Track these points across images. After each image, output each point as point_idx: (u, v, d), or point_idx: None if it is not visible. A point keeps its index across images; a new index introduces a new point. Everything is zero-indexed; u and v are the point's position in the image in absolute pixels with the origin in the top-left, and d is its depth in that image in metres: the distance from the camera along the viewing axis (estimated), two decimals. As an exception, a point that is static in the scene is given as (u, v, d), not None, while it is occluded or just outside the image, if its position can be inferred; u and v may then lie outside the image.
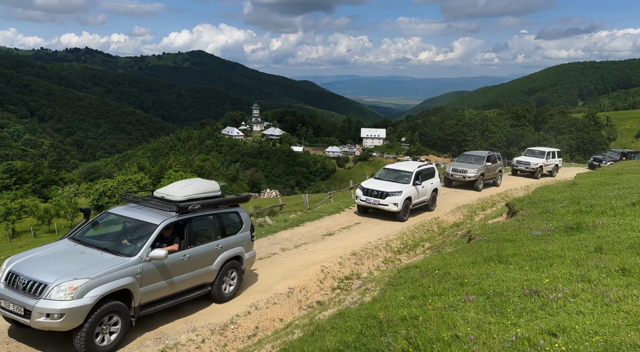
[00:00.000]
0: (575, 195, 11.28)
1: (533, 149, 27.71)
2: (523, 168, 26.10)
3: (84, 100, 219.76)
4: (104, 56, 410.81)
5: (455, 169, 21.35)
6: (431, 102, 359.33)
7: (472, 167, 20.87)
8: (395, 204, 14.55)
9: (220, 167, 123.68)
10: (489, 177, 21.65)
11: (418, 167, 16.16)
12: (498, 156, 22.83)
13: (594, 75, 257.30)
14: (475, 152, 23.31)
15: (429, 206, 16.78)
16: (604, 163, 29.72)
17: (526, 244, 7.24)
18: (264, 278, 9.37)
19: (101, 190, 50.90)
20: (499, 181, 22.51)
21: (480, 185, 20.86)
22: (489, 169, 21.32)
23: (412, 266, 6.86)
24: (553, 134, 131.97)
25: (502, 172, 22.68)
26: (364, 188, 15.17)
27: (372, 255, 11.85)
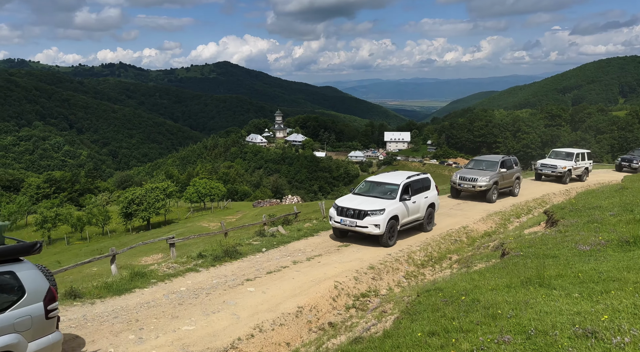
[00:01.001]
0: (627, 201, 9.93)
1: (559, 151, 25.23)
2: (549, 172, 23.61)
3: (118, 113, 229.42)
4: (136, 70, 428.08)
5: (463, 178, 18.47)
6: (458, 104, 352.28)
7: (483, 174, 18.10)
8: (376, 226, 11.65)
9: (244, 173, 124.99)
10: (504, 185, 19.01)
11: (407, 178, 13.23)
12: (515, 161, 20.13)
13: (636, 70, 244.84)
14: (487, 156, 20.46)
15: (424, 226, 13.79)
16: (636, 163, 27.15)
17: (572, 262, 6.09)
18: (272, 295, 8.52)
19: (130, 198, 51.72)
20: (517, 190, 19.89)
21: (493, 195, 18.16)
22: (503, 177, 18.69)
23: (434, 289, 5.85)
24: (592, 134, 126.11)
25: (520, 180, 20.15)
26: (338, 207, 12.20)
27: (392, 269, 10.82)
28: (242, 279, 9.26)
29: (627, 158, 28.73)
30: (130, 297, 7.91)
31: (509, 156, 20.21)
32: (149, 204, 50.42)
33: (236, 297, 8.25)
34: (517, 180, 19.86)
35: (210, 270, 9.78)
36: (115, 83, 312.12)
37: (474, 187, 18.08)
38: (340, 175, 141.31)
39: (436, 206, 14.40)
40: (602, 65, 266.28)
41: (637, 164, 27.30)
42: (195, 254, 10.63)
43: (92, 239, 49.42)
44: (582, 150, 25.18)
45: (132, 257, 24.60)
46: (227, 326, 7.14)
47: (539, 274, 5.49)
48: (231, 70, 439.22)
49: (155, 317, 7.17)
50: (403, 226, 12.68)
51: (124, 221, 52.31)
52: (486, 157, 20.16)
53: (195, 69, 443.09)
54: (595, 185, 20.55)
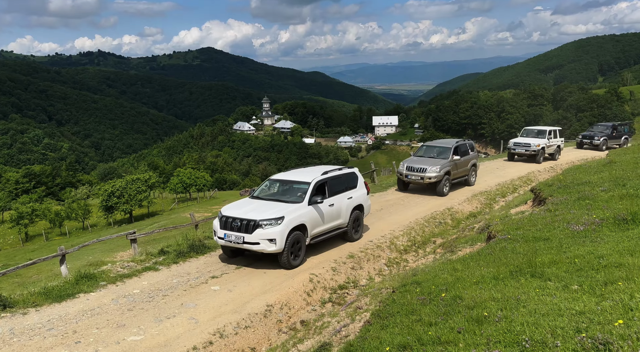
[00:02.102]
0: (617, 175, 9.30)
1: (531, 129, 24.00)
2: (522, 151, 22.39)
3: (99, 103, 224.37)
4: (116, 58, 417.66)
5: (411, 168, 15.98)
6: (444, 86, 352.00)
7: (434, 163, 15.73)
8: (270, 241, 8.48)
9: (233, 162, 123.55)
10: (458, 175, 16.71)
11: (323, 174, 10.12)
12: (470, 146, 17.73)
13: (615, 49, 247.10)
14: (439, 142, 17.94)
15: (348, 234, 10.67)
16: (597, 140, 26.01)
17: (566, 245, 5.40)
18: (239, 293, 7.72)
19: (110, 190, 50.28)
20: (473, 179, 17.58)
21: (445, 188, 15.76)
22: (457, 165, 16.33)
23: (412, 283, 5.12)
24: (573, 112, 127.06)
25: (476, 167, 17.84)
26: (223, 216, 9.04)
27: (373, 256, 10.10)
28: (207, 276, 8.44)
29: (588, 135, 27.53)
30: (72, 304, 7.00)
31: (464, 140, 17.85)
32: (130, 196, 49.06)
33: (197, 298, 7.43)
34: (473, 167, 17.59)
35: (171, 268, 8.91)
36: (95, 72, 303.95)
37: (422, 179, 15.64)
38: (330, 161, 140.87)
39: (366, 208, 11.32)
40: (582, 44, 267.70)
41: (598, 141, 26.22)
42: (157, 251, 9.75)
43: (72, 234, 48.06)
44: (554, 127, 24.02)
45: (107, 253, 23.51)
46: (182, 333, 6.32)
47: (530, 262, 4.77)
48: (216, 57, 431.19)
49: (97, 327, 6.28)
50: (316, 238, 9.60)
51: (104, 214, 50.90)
52: (438, 143, 17.74)
53: (178, 56, 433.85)
54: (568, 164, 19.84)
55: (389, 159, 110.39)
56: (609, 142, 26.21)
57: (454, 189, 16.29)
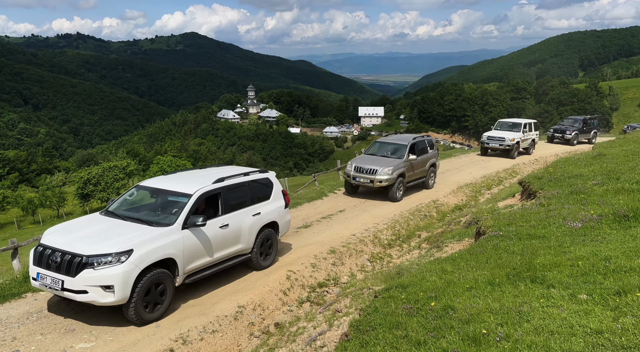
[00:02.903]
0: (609, 169, 8.92)
1: (505, 121, 22.77)
2: (496, 145, 21.03)
3: (77, 87, 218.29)
4: (96, 41, 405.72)
5: (359, 168, 13.45)
6: (430, 78, 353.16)
7: (386, 163, 13.25)
8: (106, 288, 5.54)
9: (216, 151, 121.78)
10: (414, 177, 14.29)
11: (217, 181, 7.17)
12: (430, 142, 15.40)
13: (595, 44, 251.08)
14: (395, 138, 15.41)
15: (253, 261, 7.88)
16: (569, 134, 25.02)
17: (565, 245, 4.93)
18: (207, 294, 7.09)
19: (85, 178, 48.75)
20: (432, 181, 15.40)
21: (398, 192, 13.41)
22: (413, 165, 13.96)
23: (396, 286, 4.58)
24: (554, 106, 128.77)
25: (436, 167, 15.62)
26: (40, 246, 6.06)
27: (355, 251, 9.58)
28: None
29: (560, 129, 26.07)
30: (16, 306, 6.24)
31: (422, 136, 15.52)
32: (107, 184, 47.63)
33: (162, 296, 6.76)
34: (432, 168, 15.28)
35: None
36: (74, 55, 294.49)
37: (372, 183, 13.15)
38: (315, 151, 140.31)
39: (281, 226, 8.44)
40: (564, 39, 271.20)
41: (569, 135, 25.15)
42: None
43: (46, 222, 46.46)
44: (529, 120, 22.92)
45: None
46: (141, 339, 5.64)
47: (529, 264, 4.28)
48: (199, 42, 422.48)
49: (41, 333, 5.54)
50: (196, 274, 6.72)
51: (80, 202, 49.38)
52: (393, 139, 15.20)
53: (160, 41, 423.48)
54: (545, 158, 19.31)
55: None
56: (580, 137, 25.35)
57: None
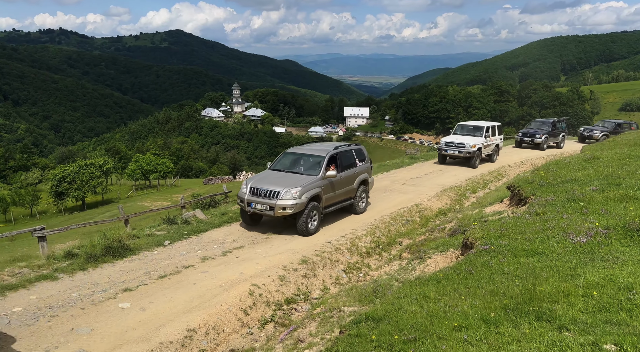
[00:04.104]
0: (606, 173, 8.21)
1: (466, 124, 20.52)
2: (455, 152, 18.63)
3: (59, 83, 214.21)
4: (79, 37, 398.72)
5: (257, 191, 9.68)
6: (415, 80, 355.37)
7: (293, 183, 9.66)
8: None
9: (200, 149, 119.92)
10: (336, 199, 10.62)
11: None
12: (358, 153, 11.62)
13: (577, 49, 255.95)
14: (310, 148, 11.41)
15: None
16: (539, 138, 23.61)
17: (571, 265, 4.11)
18: (154, 313, 6.09)
19: (60, 175, 46.89)
20: (362, 204, 11.75)
21: (310, 222, 9.80)
22: (334, 184, 10.34)
23: (366, 319, 3.69)
24: (537, 109, 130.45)
25: (368, 185, 11.93)
26: None
27: (330, 261, 8.67)
28: (118, 288, 6.73)
29: (529, 132, 24.60)
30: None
31: (350, 145, 11.65)
32: (83, 182, 45.86)
33: (96, 321, 5.74)
34: (363, 186, 11.67)
35: (76, 276, 7.11)
36: (56, 51, 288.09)
37: (272, 210, 9.33)
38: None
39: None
40: (547, 43, 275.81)
41: (540, 139, 23.67)
42: (63, 253, 7.91)
43: (18, 221, 44.45)
44: (492, 122, 20.86)
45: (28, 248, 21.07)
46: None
47: (531, 292, 3.43)
48: (185, 40, 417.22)
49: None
50: None
51: (55, 201, 47.47)
52: (309, 149, 11.22)
53: (145, 37, 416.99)
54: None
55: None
56: (549, 140, 24.10)
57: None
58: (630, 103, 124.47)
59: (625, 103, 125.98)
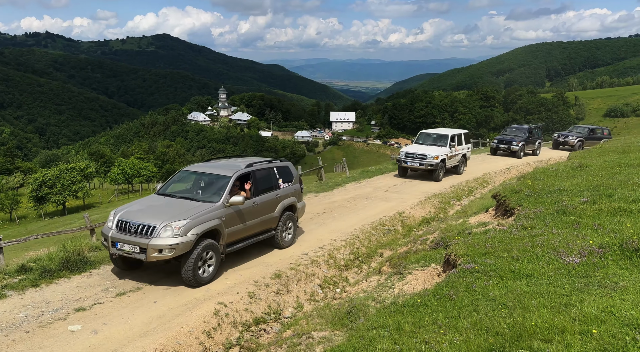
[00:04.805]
0: (596, 183, 7.84)
1: (429, 133, 18.39)
2: (416, 165, 16.73)
3: (44, 87, 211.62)
4: (65, 41, 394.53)
5: (127, 226, 7.02)
6: (402, 85, 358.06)
7: (182, 212, 7.12)
8: None
9: (185, 153, 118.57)
10: (247, 232, 8.14)
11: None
12: (283, 172, 9.22)
13: (561, 55, 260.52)
14: (217, 164, 8.76)
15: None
16: (515, 145, 22.71)
17: (564, 292, 3.65)
18: (106, 337, 5.45)
19: (41, 180, 45.59)
20: (289, 235, 9.28)
21: (204, 267, 7.21)
22: (243, 213, 7.88)
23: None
24: (522, 115, 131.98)
25: (296, 212, 9.50)
26: None
27: (305, 275, 8.11)
28: (71, 308, 6.08)
29: (505, 139, 23.55)
30: None
31: (271, 162, 9.08)
32: (64, 187, 44.67)
33: (40, 347, 5.08)
34: (288, 213, 9.15)
35: (26, 294, 6.44)
36: (42, 54, 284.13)
37: (143, 252, 6.82)
38: (286, 155, 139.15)
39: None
40: (532, 50, 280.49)
41: (516, 146, 22.67)
42: (16, 267, 7.21)
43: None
44: (459, 130, 19.01)
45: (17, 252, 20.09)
46: None
47: (520, 327, 2.94)
48: (171, 44, 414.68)
49: None
50: None
51: (35, 205, 46.13)
52: (215, 167, 8.50)
53: (131, 41, 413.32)
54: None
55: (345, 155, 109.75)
56: (526, 147, 23.24)
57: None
58: (615, 109, 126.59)
59: (610, 109, 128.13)
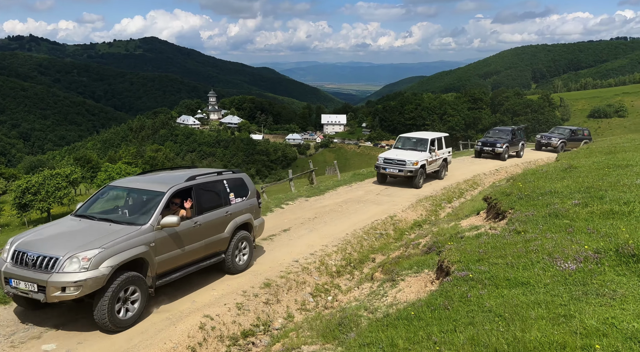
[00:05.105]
0: (586, 185, 7.78)
1: (408, 137, 17.61)
2: (395, 171, 16.00)
3: (29, 91, 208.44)
4: (50, 44, 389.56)
5: (24, 258, 5.65)
6: (391, 87, 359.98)
7: (95, 239, 5.76)
8: None
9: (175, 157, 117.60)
10: (186, 259, 6.77)
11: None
12: (236, 184, 7.97)
13: (546, 58, 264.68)
14: (151, 178, 7.44)
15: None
16: (500, 147, 22.33)
17: (562, 301, 3.52)
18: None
19: (24, 186, 44.67)
20: (245, 256, 8.07)
21: (121, 310, 5.82)
22: (180, 237, 6.58)
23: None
24: (509, 116, 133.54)
25: (253, 230, 8.27)
26: None
27: (296, 283, 7.92)
28: (42, 327, 5.78)
29: (489, 141, 23.15)
30: None
31: (220, 174, 7.86)
32: (48, 193, 43.84)
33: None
34: (243, 232, 7.92)
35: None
36: (25, 58, 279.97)
37: (42, 291, 5.43)
38: (278, 158, 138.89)
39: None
40: (517, 52, 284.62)
41: (501, 148, 22.39)
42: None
43: (-25, 236, 41.96)
44: (439, 134, 18.18)
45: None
46: None
47: (519, 343, 2.78)
48: (160, 47, 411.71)
49: None
50: None
51: (18, 213, 45.18)
52: (148, 181, 7.18)
53: (119, 44, 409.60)
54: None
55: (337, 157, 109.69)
56: (509, 149, 23.10)
57: None
58: (599, 110, 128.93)
59: (594, 110, 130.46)
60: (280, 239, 10.01)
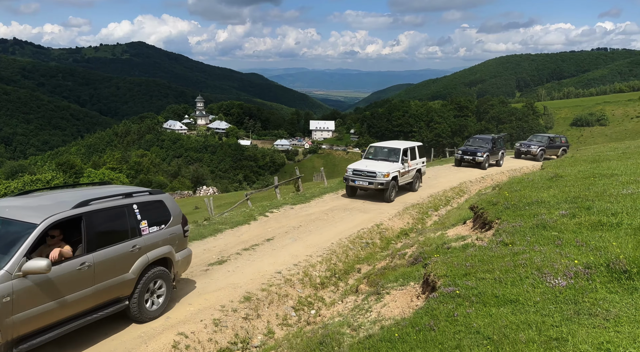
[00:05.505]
0: (572, 194, 7.67)
1: (379, 146, 16.51)
2: (365, 184, 14.81)
3: (11, 95, 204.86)
4: (34, 48, 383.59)
5: None
6: (379, 95, 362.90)
7: None
8: None
9: (161, 163, 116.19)
10: (70, 311, 5.20)
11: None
12: (150, 209, 6.34)
13: (530, 67, 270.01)
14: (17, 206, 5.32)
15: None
16: (480, 156, 22.20)
17: (554, 322, 3.32)
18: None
19: (2, 193, 43.48)
20: (160, 299, 6.45)
21: None
22: (53, 284, 4.89)
23: None
24: (494, 124, 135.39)
25: (174, 267, 6.68)
26: None
27: (278, 296, 7.61)
28: None
29: (469, 150, 22.83)
30: None
31: (131, 196, 6.18)
32: (28, 200, 42.77)
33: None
34: (159, 269, 6.37)
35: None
36: (9, 61, 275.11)
37: None
38: (266, 164, 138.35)
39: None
40: (502, 61, 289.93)
41: (481, 157, 22.24)
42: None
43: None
44: (412, 143, 17.05)
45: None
46: None
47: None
48: (147, 52, 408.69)
49: None
50: None
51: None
52: (11, 208, 5.26)
53: (105, 49, 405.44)
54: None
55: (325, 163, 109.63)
56: (490, 158, 22.92)
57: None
58: (581, 118, 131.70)
59: (576, 118, 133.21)
60: (263, 249, 9.70)
